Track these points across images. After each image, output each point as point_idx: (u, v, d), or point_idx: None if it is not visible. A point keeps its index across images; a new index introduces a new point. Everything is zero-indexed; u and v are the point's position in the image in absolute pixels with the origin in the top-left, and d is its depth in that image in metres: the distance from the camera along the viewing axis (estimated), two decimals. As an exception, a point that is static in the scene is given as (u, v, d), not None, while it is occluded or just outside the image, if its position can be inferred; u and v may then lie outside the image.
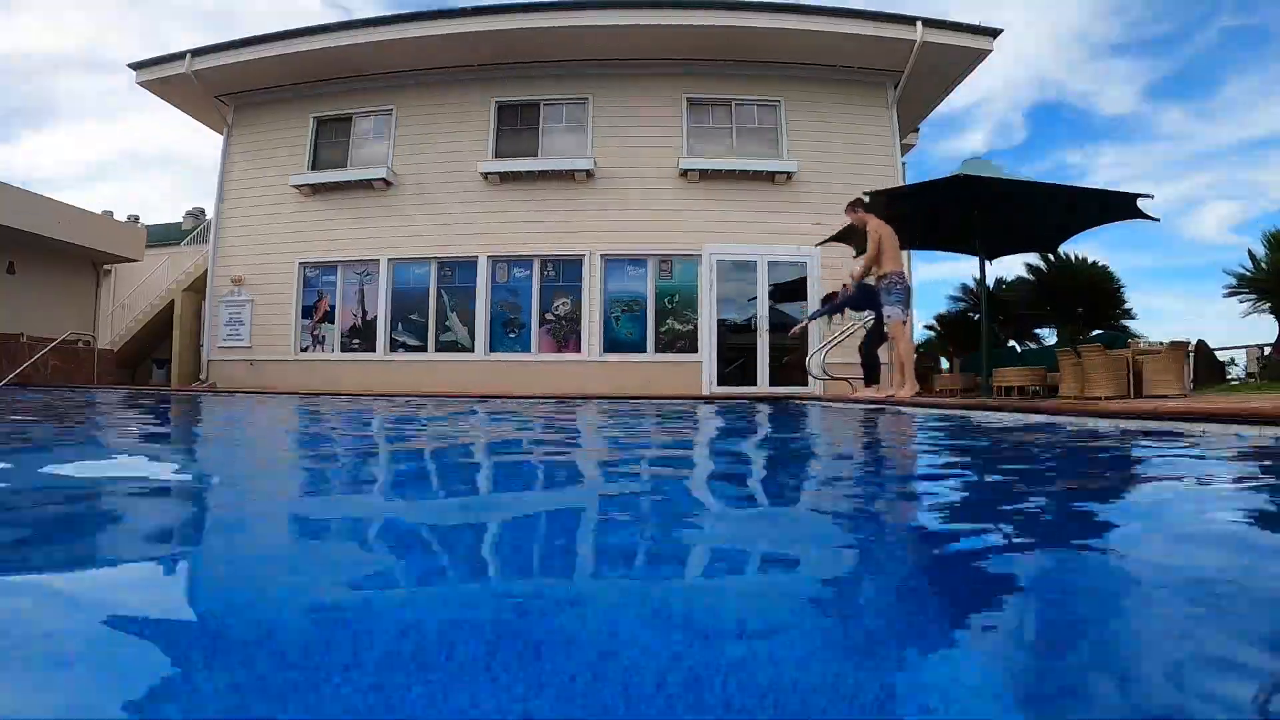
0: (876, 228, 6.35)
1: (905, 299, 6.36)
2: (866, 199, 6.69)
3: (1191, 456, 2.14)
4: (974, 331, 16.47)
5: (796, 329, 8.74)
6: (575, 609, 0.70)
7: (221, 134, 11.99)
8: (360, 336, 11.05)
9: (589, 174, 10.58)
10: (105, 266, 14.67)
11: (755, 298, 10.37)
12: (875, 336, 7.25)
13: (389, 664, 0.53)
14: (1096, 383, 6.25)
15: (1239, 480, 1.72)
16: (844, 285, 7.68)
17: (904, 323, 6.42)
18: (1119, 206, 6.71)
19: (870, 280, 6.62)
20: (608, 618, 0.67)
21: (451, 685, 0.48)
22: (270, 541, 1.06)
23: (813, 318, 8.61)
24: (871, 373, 7.32)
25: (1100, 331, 15.68)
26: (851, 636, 0.63)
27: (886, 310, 6.38)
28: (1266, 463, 2.01)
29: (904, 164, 11.60)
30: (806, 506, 1.47)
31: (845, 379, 8.59)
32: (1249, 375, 15.89)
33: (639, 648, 0.57)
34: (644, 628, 0.63)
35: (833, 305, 7.93)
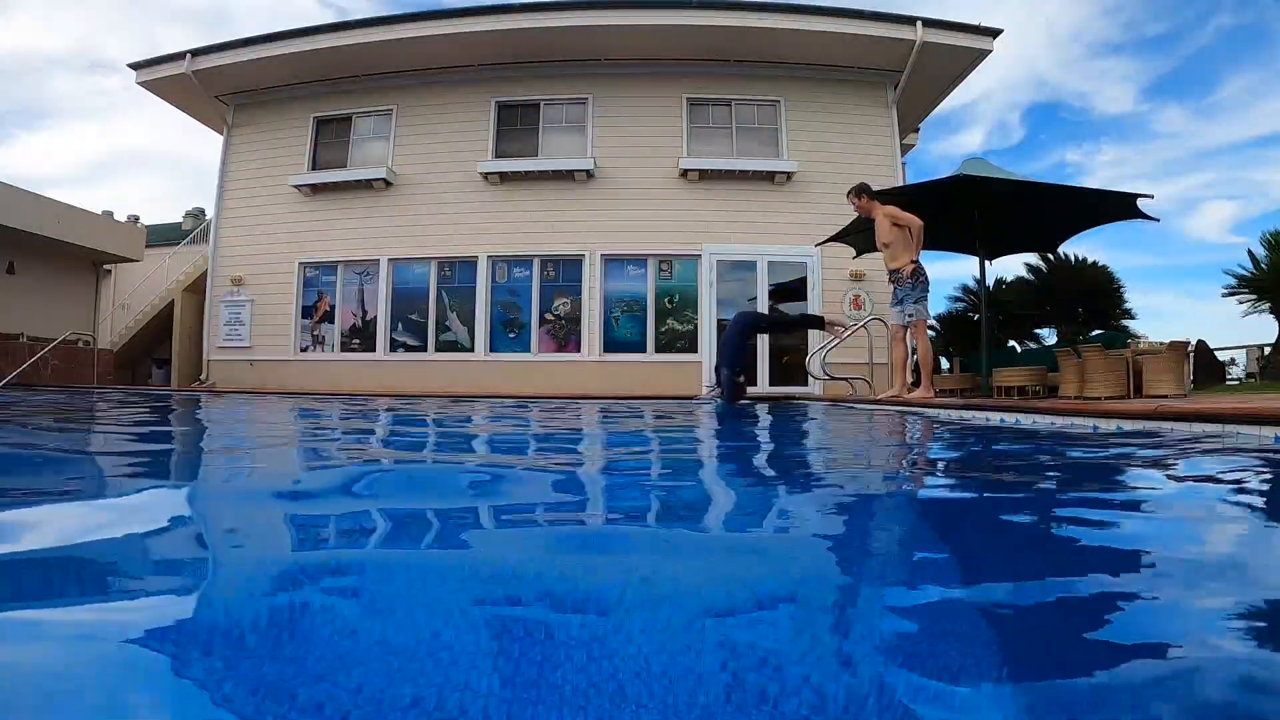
0: (893, 212, 5.94)
1: (927, 292, 6.00)
2: (872, 186, 6.35)
3: (1193, 457, 2.14)
4: (974, 331, 16.48)
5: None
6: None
7: (221, 134, 11.99)
8: (360, 336, 11.05)
9: (589, 174, 10.58)
10: (105, 266, 14.66)
11: (755, 298, 10.37)
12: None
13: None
14: (1096, 383, 6.24)
15: (1242, 480, 1.72)
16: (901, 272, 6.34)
17: (924, 321, 6.06)
18: (1119, 206, 6.71)
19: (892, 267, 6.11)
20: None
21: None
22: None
23: (782, 323, 8.34)
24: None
25: (1100, 331, 15.69)
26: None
27: (910, 309, 5.98)
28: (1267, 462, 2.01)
29: (904, 164, 11.61)
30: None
31: (845, 379, 8.59)
32: (1249, 375, 15.91)
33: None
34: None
35: (788, 323, 8.01)
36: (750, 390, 9.96)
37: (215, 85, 11.39)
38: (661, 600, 0.70)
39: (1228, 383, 14.48)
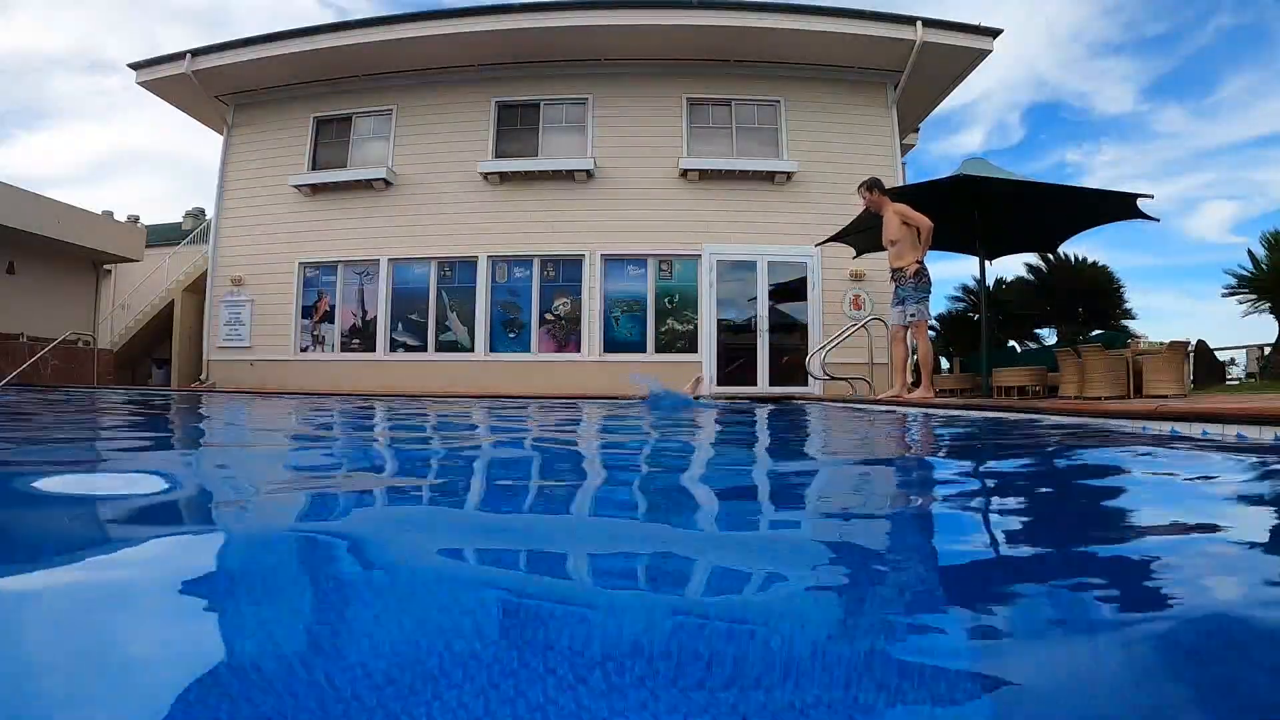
0: (904, 210, 5.94)
1: (929, 293, 6.03)
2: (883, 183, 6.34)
3: (1192, 456, 2.14)
4: (974, 331, 16.47)
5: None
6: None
7: (221, 134, 11.99)
8: (360, 336, 11.05)
9: (589, 174, 10.58)
10: (105, 266, 14.67)
11: (755, 298, 10.37)
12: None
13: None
14: (1096, 383, 6.24)
15: (1240, 480, 1.72)
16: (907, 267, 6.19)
17: (925, 321, 6.13)
18: (1119, 206, 6.71)
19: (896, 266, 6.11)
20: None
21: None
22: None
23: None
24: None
25: (1100, 331, 15.68)
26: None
27: (912, 308, 6.02)
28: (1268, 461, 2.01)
29: (904, 164, 11.61)
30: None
31: (845, 379, 8.60)
32: (1249, 375, 15.92)
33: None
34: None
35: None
36: (751, 390, 10.02)
37: (215, 85, 11.38)
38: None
39: (1228, 383, 14.48)
